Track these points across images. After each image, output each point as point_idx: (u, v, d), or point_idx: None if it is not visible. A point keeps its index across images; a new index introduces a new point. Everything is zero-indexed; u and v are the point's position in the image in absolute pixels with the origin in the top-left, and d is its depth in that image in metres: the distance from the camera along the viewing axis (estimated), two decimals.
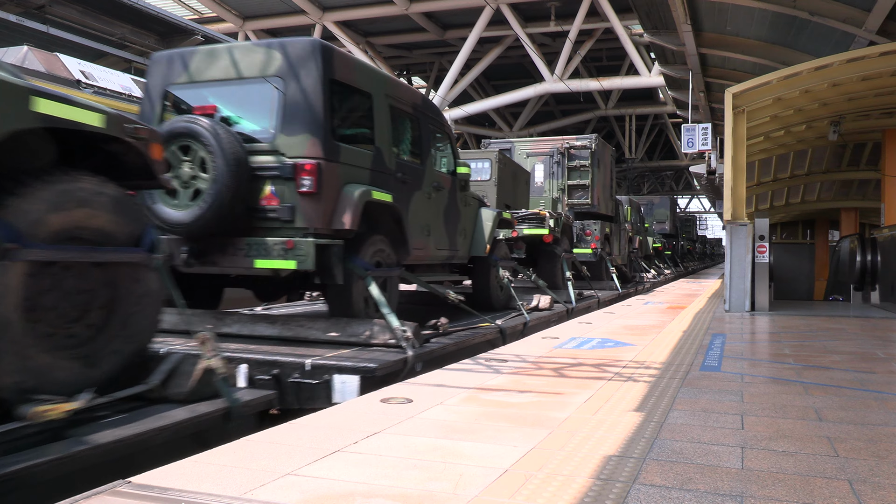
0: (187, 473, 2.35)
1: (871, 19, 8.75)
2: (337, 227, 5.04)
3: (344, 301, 5.37)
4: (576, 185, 13.00)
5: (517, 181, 11.15)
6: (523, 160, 13.02)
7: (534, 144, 13.37)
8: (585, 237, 12.72)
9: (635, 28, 19.85)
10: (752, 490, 2.22)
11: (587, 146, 13.00)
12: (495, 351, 5.35)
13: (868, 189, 16.09)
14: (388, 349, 4.74)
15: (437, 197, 6.66)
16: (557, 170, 13.02)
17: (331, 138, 5.05)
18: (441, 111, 7.11)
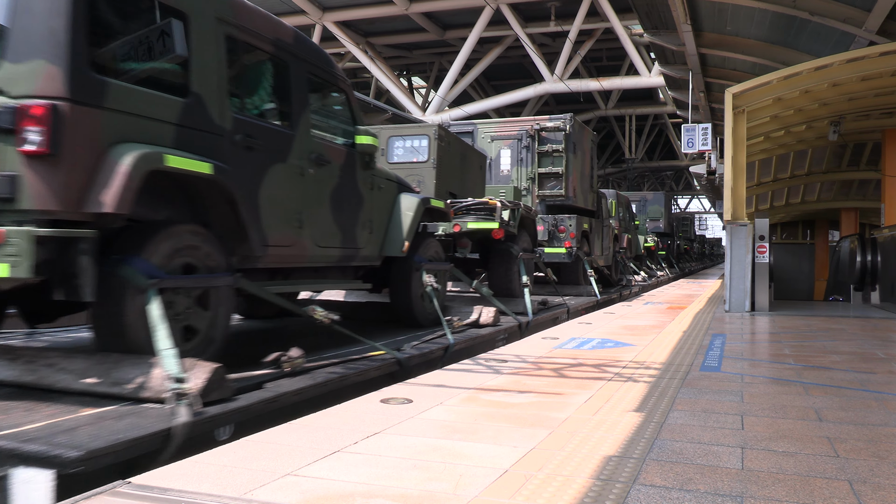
0: (187, 473, 2.35)
1: (871, 19, 8.75)
2: (93, 211, 3.26)
3: (114, 327, 3.49)
4: (548, 173, 11.28)
5: (468, 165, 9.21)
6: (487, 144, 11.44)
7: (499, 127, 11.66)
8: (559, 234, 10.99)
9: (635, 28, 19.85)
10: (752, 490, 2.22)
11: (560, 127, 11.25)
12: (495, 351, 5.35)
13: (868, 189, 16.10)
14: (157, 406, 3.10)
15: (318, 175, 4.90)
16: (527, 155, 11.35)
17: (86, 68, 3.28)
18: (331, 59, 5.29)
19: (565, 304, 9.13)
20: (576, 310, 9.23)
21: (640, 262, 18.94)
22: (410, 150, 8.40)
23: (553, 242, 10.98)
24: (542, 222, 10.85)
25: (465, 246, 8.06)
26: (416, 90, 31.65)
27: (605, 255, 13.69)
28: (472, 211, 8.11)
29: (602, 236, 13.46)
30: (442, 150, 8.40)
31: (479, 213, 8.10)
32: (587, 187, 12.49)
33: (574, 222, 11.11)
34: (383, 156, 8.49)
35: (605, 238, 13.72)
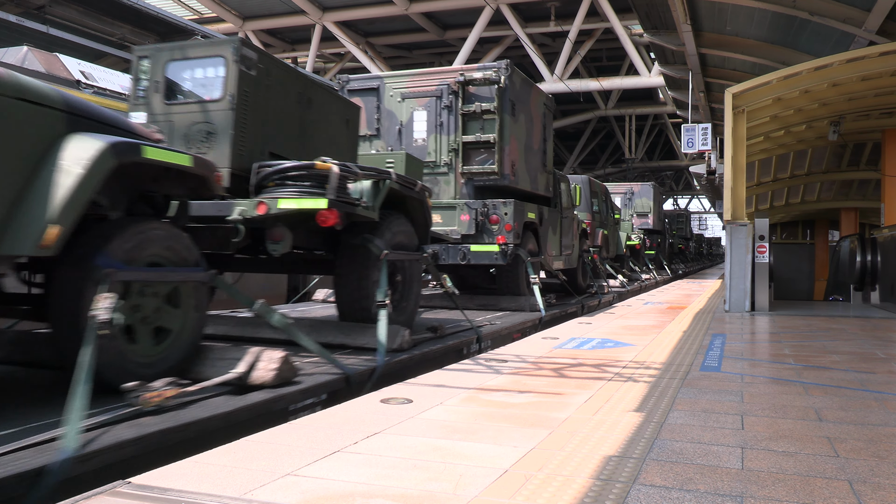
0: (187, 473, 2.35)
1: (870, 19, 8.76)
2: None
3: None
4: (475, 142, 8.32)
5: (317, 115, 5.66)
6: (398, 105, 8.75)
7: (413, 81, 8.77)
8: (490, 226, 8.22)
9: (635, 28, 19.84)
10: (752, 490, 2.22)
11: (492, 78, 8.25)
12: (495, 351, 5.35)
13: (868, 189, 16.10)
14: None
15: None
16: (448, 119, 8.51)
17: None
18: None
19: (474, 329, 6.31)
20: (496, 335, 6.63)
21: (622, 264, 16.92)
22: (199, 83, 5.11)
23: (483, 237, 8.23)
24: (466, 210, 8.27)
25: (278, 239, 4.73)
26: None
27: (566, 255, 10.91)
28: (292, 180, 4.67)
29: (561, 231, 10.60)
30: (251, 83, 4.97)
31: (297, 184, 4.65)
32: (536, 165, 9.46)
33: (512, 210, 8.24)
34: (158, 92, 5.06)
35: (565, 233, 10.86)
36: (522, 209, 8.57)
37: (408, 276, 5.91)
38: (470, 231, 8.27)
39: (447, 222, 8.34)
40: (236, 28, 22.19)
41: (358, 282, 5.33)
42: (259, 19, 22.40)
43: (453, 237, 8.23)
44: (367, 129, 8.74)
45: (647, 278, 17.62)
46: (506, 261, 8.22)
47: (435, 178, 8.58)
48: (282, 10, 21.64)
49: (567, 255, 11.00)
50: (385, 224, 5.44)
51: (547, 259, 9.81)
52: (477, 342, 6.17)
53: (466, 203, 8.32)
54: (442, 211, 8.40)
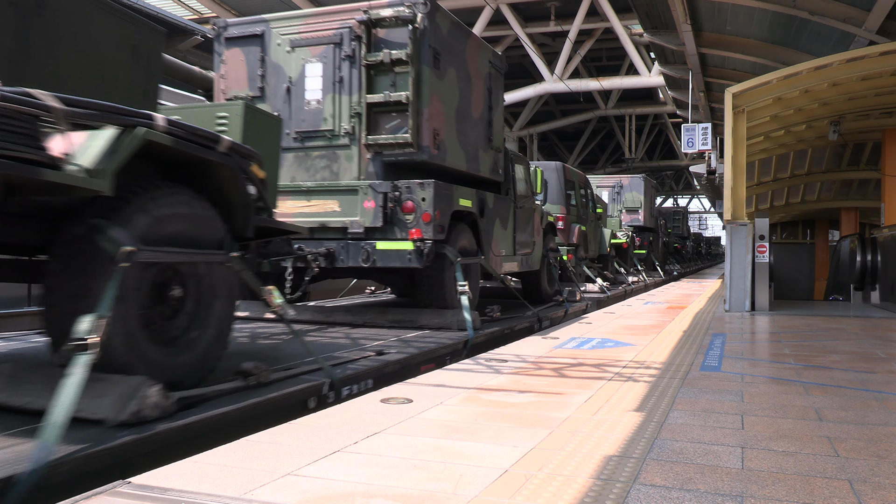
0: (187, 473, 2.35)
1: (871, 19, 8.75)
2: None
3: None
4: (384, 103, 6.31)
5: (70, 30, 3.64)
6: (286, 56, 6.76)
7: (306, 24, 6.79)
8: (402, 216, 6.24)
9: (635, 28, 19.84)
10: (752, 490, 2.22)
11: (405, 16, 6.28)
12: (495, 351, 5.35)
13: (868, 189, 16.10)
14: None
15: None
16: (350, 73, 6.49)
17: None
18: None
19: (325, 369, 4.18)
20: (380, 372, 4.60)
21: (606, 265, 15.15)
22: None
23: (393, 230, 6.25)
24: (371, 194, 6.28)
25: None
26: None
27: (522, 255, 8.76)
28: None
29: (515, 225, 8.46)
30: None
31: None
32: (476, 139, 7.35)
33: (431, 194, 6.14)
34: None
35: (521, 228, 8.72)
36: (449, 194, 6.50)
37: (200, 289, 3.75)
38: (376, 223, 6.22)
39: (347, 211, 6.36)
40: None
41: (72, 298, 3.15)
42: None
43: (354, 231, 6.29)
44: (247, 88, 6.81)
45: (635, 281, 15.64)
46: (422, 262, 6.12)
47: (333, 153, 6.57)
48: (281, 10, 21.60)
49: (525, 256, 8.81)
50: (137, 203, 3.32)
51: (493, 260, 7.64)
52: (330, 389, 4.03)
53: (371, 185, 6.27)
54: (340, 196, 6.42)
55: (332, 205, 6.45)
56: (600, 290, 12.23)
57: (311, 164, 6.67)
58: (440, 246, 6.32)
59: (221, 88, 6.98)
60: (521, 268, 8.78)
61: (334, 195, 6.47)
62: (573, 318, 8.08)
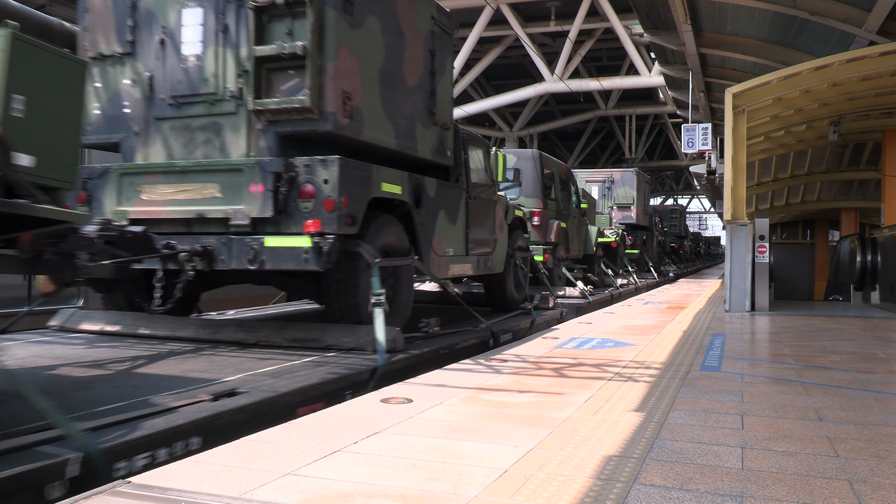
0: (187, 473, 2.35)
1: (871, 19, 8.75)
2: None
3: None
4: (277, 57, 4.95)
5: None
6: (161, 1, 5.41)
7: None
8: (299, 204, 4.88)
9: (635, 28, 19.85)
10: (752, 490, 2.22)
11: None
12: (495, 351, 5.35)
13: (868, 189, 16.11)
14: None
15: None
16: (237, 22, 5.18)
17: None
18: None
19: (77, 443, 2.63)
20: None
21: (591, 266, 13.77)
22: None
23: (288, 222, 4.89)
24: (259, 175, 4.87)
25: None
26: None
27: (478, 255, 7.29)
28: None
29: (468, 219, 7.07)
30: None
31: None
32: (412, 111, 5.97)
33: (336, 174, 4.78)
34: None
35: (478, 223, 7.29)
36: (365, 176, 5.10)
37: None
38: (265, 212, 4.82)
39: (230, 197, 4.96)
40: None
41: None
42: None
43: (238, 223, 4.90)
44: (116, 43, 5.50)
45: (624, 284, 14.23)
46: (322, 264, 4.68)
47: (216, 123, 5.15)
48: None
49: (482, 256, 7.37)
50: None
51: (435, 261, 6.31)
52: (85, 469, 2.58)
53: (259, 163, 4.86)
54: (222, 177, 4.99)
55: (211, 189, 5.05)
56: (581, 294, 10.70)
57: (190, 137, 5.24)
58: (352, 243, 4.99)
59: (85, 45, 5.58)
60: (478, 270, 7.31)
61: (215, 177, 5.03)
62: (545, 329, 6.88)
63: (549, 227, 11.09)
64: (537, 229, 10.75)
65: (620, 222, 17.46)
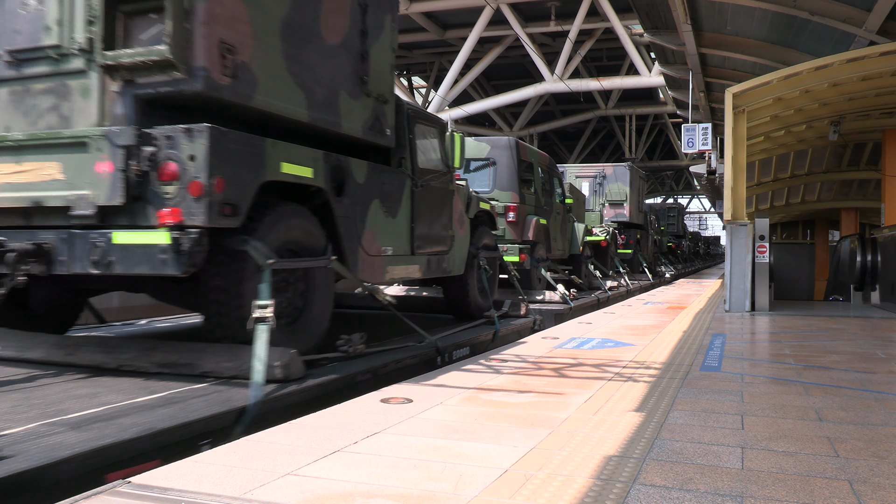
0: (187, 473, 2.35)
1: (871, 19, 8.75)
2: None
3: None
4: None
5: None
6: None
7: None
8: (158, 188, 3.71)
9: (635, 28, 19.84)
10: (752, 490, 2.22)
11: None
12: (495, 351, 5.35)
13: (868, 189, 16.11)
14: None
15: None
16: None
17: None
18: None
19: None
20: None
21: (578, 267, 12.55)
22: None
23: (143, 211, 3.78)
24: (107, 149, 3.79)
25: None
26: (416, 90, 31.66)
27: (430, 254, 6.23)
28: None
29: (413, 211, 5.93)
30: None
31: None
32: (335, 74, 4.85)
33: (205, 148, 3.66)
34: None
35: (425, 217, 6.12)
36: (253, 151, 4.01)
37: None
38: (114, 198, 3.74)
39: (73, 180, 3.87)
40: None
41: None
42: None
43: (81, 212, 3.81)
44: None
45: (614, 287, 13.02)
46: (184, 267, 3.63)
47: (63, 85, 4.01)
48: None
49: (435, 256, 6.30)
50: None
51: (365, 262, 5.19)
52: None
53: (107, 135, 3.78)
54: (64, 154, 3.92)
55: (51, 170, 3.92)
56: (562, 299, 9.53)
57: (32, 103, 4.08)
58: (237, 240, 3.94)
59: None
60: (429, 272, 6.17)
61: (55, 154, 3.94)
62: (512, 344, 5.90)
63: (526, 223, 9.86)
64: (513, 226, 9.62)
65: (612, 220, 16.44)
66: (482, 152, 9.85)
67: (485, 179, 9.82)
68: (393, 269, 5.56)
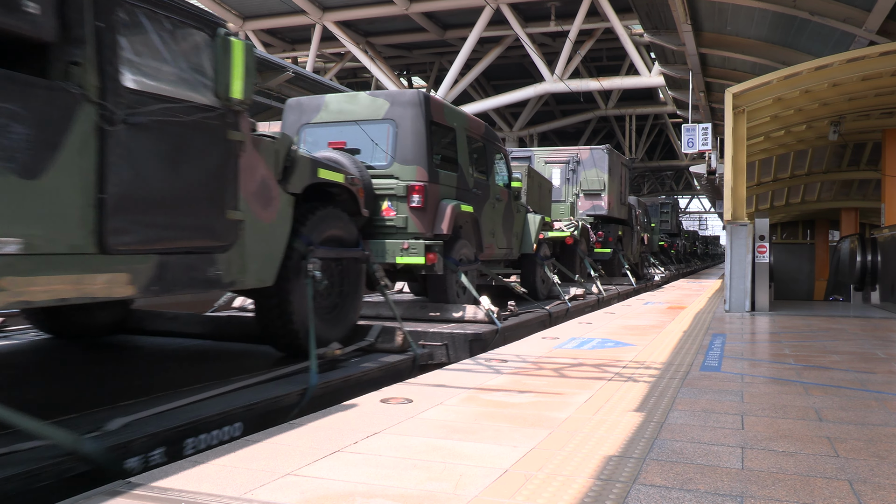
0: (187, 473, 2.35)
1: (871, 19, 8.75)
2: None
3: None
4: None
5: None
6: None
7: None
8: None
9: (635, 28, 19.86)
10: (752, 490, 2.22)
11: None
12: (495, 351, 5.35)
13: (868, 189, 16.11)
14: None
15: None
16: None
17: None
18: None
19: None
20: None
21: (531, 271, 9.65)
22: None
23: None
24: None
25: None
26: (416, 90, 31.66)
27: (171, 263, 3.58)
28: None
29: (99, 169, 3.17)
30: None
31: None
32: None
33: None
34: None
35: (132, 180, 3.33)
36: None
37: None
38: None
39: None
40: (237, 28, 22.22)
41: None
42: (259, 19, 22.42)
43: None
44: None
45: (580, 295, 10.15)
46: None
47: None
48: (282, 10, 21.65)
49: (181, 258, 3.68)
50: None
51: None
52: None
53: None
54: None
55: None
56: (486, 317, 6.67)
57: None
58: None
59: None
60: (157, 285, 3.51)
61: None
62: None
63: (440, 211, 6.88)
64: (418, 214, 6.65)
65: (588, 213, 14.12)
66: (378, 111, 6.87)
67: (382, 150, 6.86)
68: (20, 283, 2.86)
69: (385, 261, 6.56)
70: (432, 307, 7.00)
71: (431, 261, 6.67)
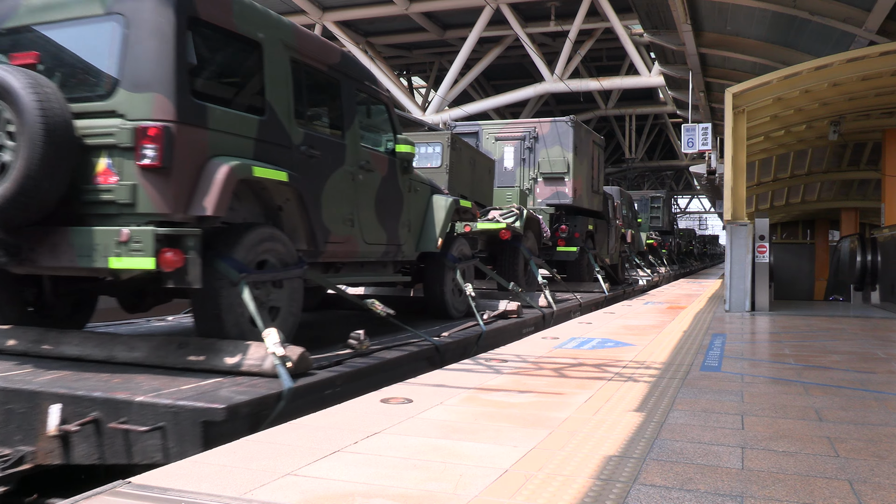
0: (187, 473, 2.35)
1: (871, 19, 8.75)
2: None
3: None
4: None
5: None
6: None
7: None
8: None
9: (635, 28, 19.84)
10: (752, 490, 2.22)
11: None
12: (495, 351, 5.35)
13: (868, 189, 16.11)
14: None
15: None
16: None
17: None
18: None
19: None
20: None
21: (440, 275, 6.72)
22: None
23: None
24: None
25: None
26: (416, 90, 31.66)
27: None
28: None
29: None
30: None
31: None
32: None
33: None
34: None
35: None
36: None
37: None
38: None
39: None
40: None
41: None
42: None
43: None
44: None
45: (512, 311, 7.20)
46: None
47: None
48: (282, 10, 21.61)
49: None
50: None
51: None
52: None
53: None
54: None
55: None
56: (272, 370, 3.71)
57: None
58: None
59: None
60: None
61: None
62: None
63: (204, 175, 3.87)
64: (155, 178, 3.69)
65: (549, 202, 11.47)
66: (97, 4, 3.93)
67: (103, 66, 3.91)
68: None
69: (90, 265, 3.68)
70: (196, 345, 3.99)
71: (170, 264, 3.63)
